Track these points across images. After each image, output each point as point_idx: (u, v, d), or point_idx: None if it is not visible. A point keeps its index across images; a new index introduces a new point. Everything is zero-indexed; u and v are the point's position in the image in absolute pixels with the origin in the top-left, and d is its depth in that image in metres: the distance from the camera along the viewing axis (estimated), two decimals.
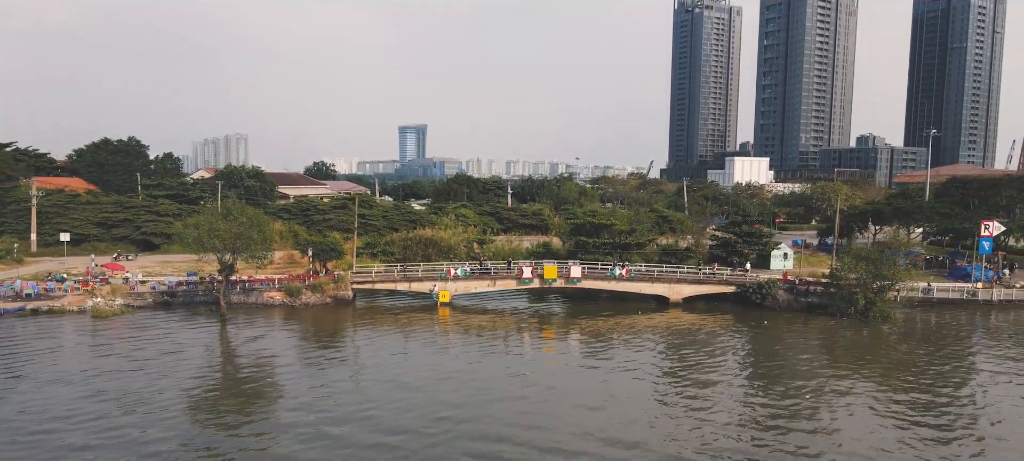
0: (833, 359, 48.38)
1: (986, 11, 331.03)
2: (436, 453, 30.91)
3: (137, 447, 30.97)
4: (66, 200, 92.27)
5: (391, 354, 48.23)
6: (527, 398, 38.67)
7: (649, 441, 32.33)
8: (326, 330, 54.62)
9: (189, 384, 40.73)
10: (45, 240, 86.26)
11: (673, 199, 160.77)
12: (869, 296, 58.34)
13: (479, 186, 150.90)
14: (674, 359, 48.06)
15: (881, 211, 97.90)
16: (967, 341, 54.17)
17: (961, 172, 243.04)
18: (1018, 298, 67.15)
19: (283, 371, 43.86)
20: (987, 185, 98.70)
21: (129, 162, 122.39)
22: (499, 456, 30.43)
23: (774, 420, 35.41)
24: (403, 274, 65.37)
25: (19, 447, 30.64)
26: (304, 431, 33.08)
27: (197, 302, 59.56)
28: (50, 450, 30.40)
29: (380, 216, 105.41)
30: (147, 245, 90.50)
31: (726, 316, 61.09)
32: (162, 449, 30.90)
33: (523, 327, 57.70)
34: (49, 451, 30.30)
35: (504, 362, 46.85)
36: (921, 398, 39.29)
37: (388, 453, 30.88)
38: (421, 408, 36.55)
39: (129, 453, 30.31)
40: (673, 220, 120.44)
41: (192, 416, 35.73)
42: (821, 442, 32.58)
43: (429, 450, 31.09)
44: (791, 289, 64.64)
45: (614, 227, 76.99)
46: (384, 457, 30.41)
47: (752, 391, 40.74)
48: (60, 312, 55.72)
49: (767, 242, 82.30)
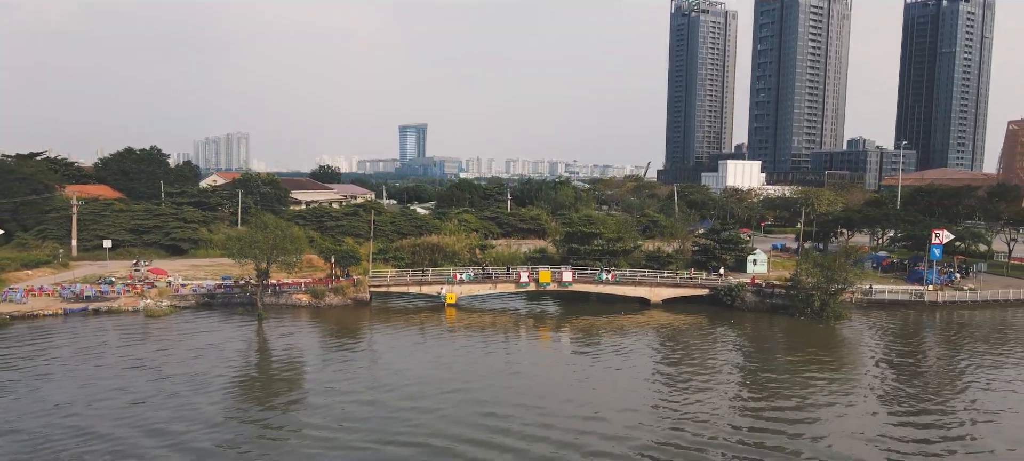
0: (789, 351, 56.55)
1: (975, 17, 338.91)
2: (448, 414, 39.27)
3: (207, 419, 39.07)
4: (102, 208, 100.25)
5: (405, 347, 56.30)
6: (523, 379, 46.78)
7: (615, 409, 40.39)
8: (348, 327, 62.70)
9: (238, 371, 48.96)
10: (83, 245, 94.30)
11: (665, 203, 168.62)
12: (824, 298, 66.46)
13: (480, 192, 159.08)
14: (649, 352, 56.15)
15: (851, 218, 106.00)
16: (902, 336, 62.24)
17: (947, 176, 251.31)
18: (960, 300, 75.33)
19: (313, 361, 52.00)
20: (949, 194, 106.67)
21: (152, 170, 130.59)
22: (496, 419, 38.54)
23: (732, 399, 43.51)
24: (414, 279, 73.53)
25: (117, 421, 38.62)
26: (334, 408, 41.09)
27: (234, 303, 67.68)
28: (142, 421, 38.45)
29: (388, 222, 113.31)
30: (175, 250, 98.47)
31: (700, 316, 69.20)
32: (223, 420, 39.01)
33: (521, 325, 65.83)
34: (143, 421, 38.34)
35: (503, 354, 54.96)
36: (854, 378, 47.42)
37: (408, 415, 39.10)
38: (433, 387, 44.65)
39: (203, 425, 38.39)
40: (662, 224, 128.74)
41: (245, 395, 43.94)
42: (766, 417, 40.68)
43: (441, 415, 39.23)
44: (758, 292, 72.78)
45: (603, 235, 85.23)
46: (405, 417, 38.52)
47: (712, 378, 48.86)
48: (117, 312, 63.82)
49: (743, 248, 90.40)
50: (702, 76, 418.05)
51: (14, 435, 35.99)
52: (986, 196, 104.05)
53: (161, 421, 38.70)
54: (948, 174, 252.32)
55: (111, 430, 37.13)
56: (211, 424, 38.52)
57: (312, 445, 35.70)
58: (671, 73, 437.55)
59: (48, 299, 64.86)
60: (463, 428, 38.18)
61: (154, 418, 39.14)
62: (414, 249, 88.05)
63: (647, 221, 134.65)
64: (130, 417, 39.18)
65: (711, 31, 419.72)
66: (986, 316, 71.30)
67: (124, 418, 39.06)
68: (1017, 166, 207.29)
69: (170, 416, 39.39)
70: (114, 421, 38.54)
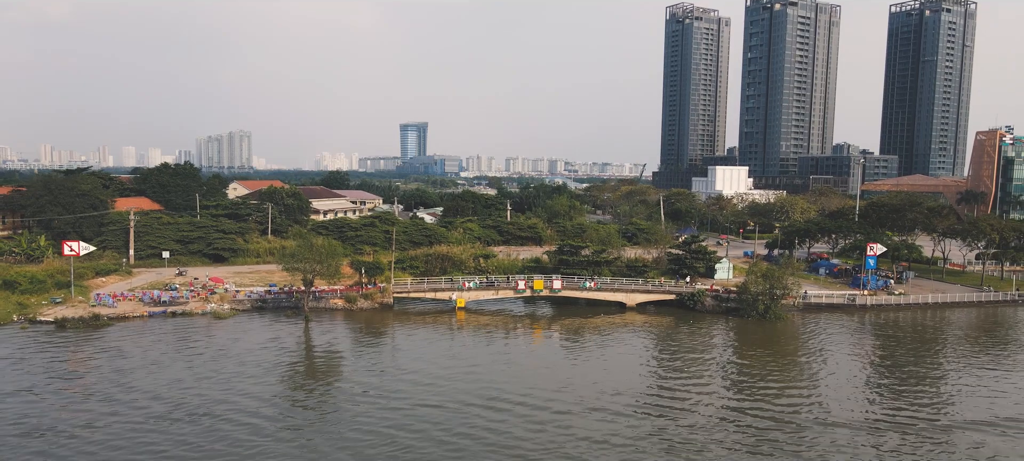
0: (736, 344, 70.98)
1: (956, 27, 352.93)
2: (460, 387, 53.82)
3: (280, 390, 53.51)
4: (153, 221, 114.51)
5: (424, 341, 70.61)
6: (516, 365, 61.16)
7: (584, 383, 54.70)
8: (377, 326, 77.07)
9: (297, 358, 63.57)
10: (138, 254, 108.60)
11: (653, 210, 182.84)
12: (767, 302, 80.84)
13: (483, 201, 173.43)
14: (621, 344, 70.51)
15: (809, 230, 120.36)
16: (829, 333, 76.56)
17: (920, 182, 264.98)
18: (886, 303, 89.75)
19: (353, 352, 66.43)
20: (895, 209, 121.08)
21: (186, 184, 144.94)
22: (495, 390, 52.88)
23: (682, 376, 57.90)
24: (430, 286, 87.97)
25: (225, 389, 52.89)
26: (373, 384, 55.45)
27: (282, 307, 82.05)
28: (240, 390, 52.75)
29: (401, 231, 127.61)
30: (217, 258, 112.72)
31: (667, 317, 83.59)
32: (292, 390, 53.43)
33: (518, 324, 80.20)
34: (241, 390, 52.66)
35: (503, 346, 69.35)
36: (784, 362, 61.84)
37: (430, 388, 53.55)
38: (448, 370, 59.06)
39: (280, 393, 52.81)
40: (647, 231, 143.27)
41: (304, 374, 58.48)
42: (711, 390, 55.03)
43: (455, 387, 53.61)
44: (716, 297, 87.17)
45: (590, 247, 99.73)
46: (428, 390, 52.90)
47: (670, 362, 63.26)
48: (189, 314, 78.21)
49: (711, 257, 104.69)
50: (696, 81, 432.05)
51: (159, 401, 50.45)
52: (926, 212, 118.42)
53: (253, 391, 53.17)
54: (921, 181, 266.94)
55: (222, 397, 51.65)
56: (284, 393, 53.18)
57: (362, 407, 50.10)
58: (666, 78, 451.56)
59: (131, 303, 79.26)
60: (471, 396, 52.76)
61: (247, 389, 53.61)
62: (427, 258, 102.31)
63: (634, 229, 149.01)
64: (231, 388, 53.69)
65: (704, 38, 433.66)
66: (902, 317, 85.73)
67: (228, 388, 53.66)
68: (984, 174, 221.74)
69: (260, 389, 53.82)
70: (220, 389, 53.26)
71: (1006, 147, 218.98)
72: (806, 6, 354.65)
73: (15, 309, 74.69)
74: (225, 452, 42.20)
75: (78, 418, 46.96)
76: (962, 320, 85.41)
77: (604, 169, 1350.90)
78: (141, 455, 41.55)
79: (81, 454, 41.51)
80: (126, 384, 54.28)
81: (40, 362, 59.90)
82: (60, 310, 75.08)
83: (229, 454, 41.92)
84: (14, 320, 72.68)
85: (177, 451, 42.10)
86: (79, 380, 55.41)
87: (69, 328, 70.93)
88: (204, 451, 42.24)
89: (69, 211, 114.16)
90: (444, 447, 43.50)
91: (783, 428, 47.41)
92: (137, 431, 44.89)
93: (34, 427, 45.18)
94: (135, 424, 46.08)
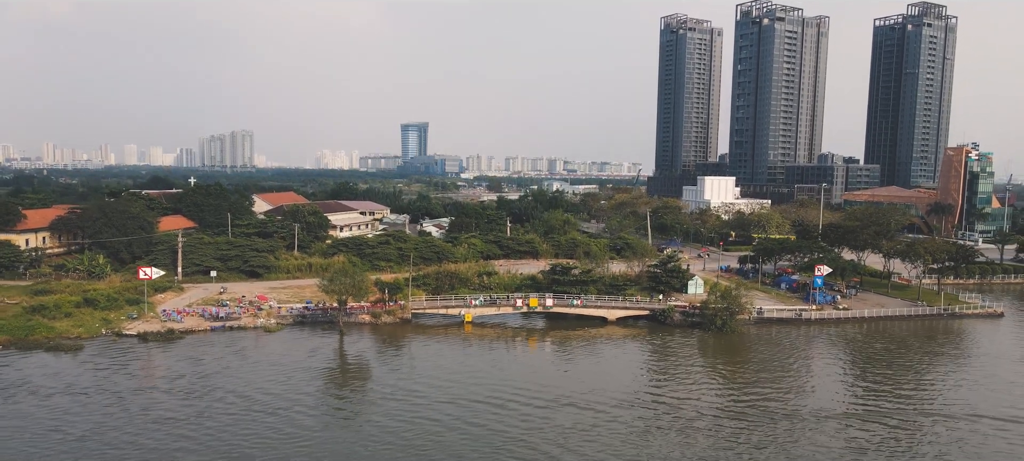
0: (697, 351, 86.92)
1: (937, 40, 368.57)
2: (468, 386, 69.75)
3: (327, 393, 69.44)
4: (195, 242, 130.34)
5: (438, 350, 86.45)
6: (514, 367, 77.00)
7: (577, 386, 70.44)
8: (399, 338, 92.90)
9: (338, 363, 79.53)
10: (184, 271, 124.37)
11: (642, 222, 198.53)
12: (724, 318, 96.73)
13: (484, 217, 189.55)
14: (603, 353, 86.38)
15: (774, 249, 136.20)
16: (774, 343, 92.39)
17: (895, 194, 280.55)
18: (830, 317, 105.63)
19: (381, 358, 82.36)
20: (849, 230, 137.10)
21: (218, 203, 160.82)
22: (500, 392, 68.65)
23: (650, 378, 73.77)
24: (442, 303, 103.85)
25: (284, 387, 68.70)
26: (400, 383, 71.29)
27: (319, 322, 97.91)
28: (300, 389, 68.52)
29: (413, 248, 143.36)
30: (252, 274, 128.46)
31: (641, 329, 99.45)
32: (338, 387, 69.32)
33: (516, 335, 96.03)
34: (296, 394, 68.43)
35: (504, 354, 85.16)
36: (732, 365, 77.70)
37: (445, 386, 69.40)
38: (459, 373, 74.92)
39: (329, 389, 68.75)
40: (633, 245, 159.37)
41: (345, 375, 74.43)
42: (671, 384, 70.87)
43: (464, 386, 69.46)
44: (684, 312, 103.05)
45: (578, 267, 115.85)
46: (443, 388, 68.70)
47: (640, 366, 79.20)
48: (242, 328, 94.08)
49: (684, 275, 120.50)
50: (689, 89, 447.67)
51: (242, 398, 66.31)
52: (874, 234, 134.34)
53: (307, 390, 69.16)
54: (896, 192, 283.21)
55: (284, 395, 67.57)
56: (330, 393, 69.28)
57: (391, 404, 65.98)
58: (660, 85, 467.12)
59: (194, 319, 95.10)
60: (478, 392, 68.95)
61: (302, 389, 69.50)
62: (437, 276, 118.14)
63: (622, 243, 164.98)
64: (289, 388, 69.50)
65: (698, 47, 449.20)
66: (840, 330, 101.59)
67: (287, 388, 69.60)
68: (952, 187, 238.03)
69: (312, 389, 69.80)
70: (281, 389, 69.21)
71: (972, 163, 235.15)
72: (793, 21, 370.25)
73: (101, 323, 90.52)
74: (298, 435, 58.11)
75: (191, 409, 63.13)
76: (890, 331, 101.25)
77: (603, 168, 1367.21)
78: (247, 437, 57.40)
79: (210, 437, 57.30)
80: (212, 385, 70.21)
81: (150, 366, 76.02)
82: (139, 325, 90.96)
83: (301, 437, 57.78)
84: (103, 333, 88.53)
85: (267, 433, 58.03)
86: (177, 381, 71.38)
87: (150, 341, 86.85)
88: (285, 434, 58.17)
89: (122, 232, 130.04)
90: (456, 433, 59.37)
91: (730, 415, 63.35)
92: (236, 421, 60.83)
93: (164, 417, 61.13)
94: (232, 416, 62.06)
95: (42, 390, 67.33)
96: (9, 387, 68.22)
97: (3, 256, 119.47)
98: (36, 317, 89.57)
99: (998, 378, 78.30)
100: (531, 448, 56.33)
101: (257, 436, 57.75)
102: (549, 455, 55.20)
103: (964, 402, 69.38)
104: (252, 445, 56.04)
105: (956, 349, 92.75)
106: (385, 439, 57.88)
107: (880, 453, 56.65)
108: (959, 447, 57.98)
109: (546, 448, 56.38)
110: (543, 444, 57.11)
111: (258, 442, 56.66)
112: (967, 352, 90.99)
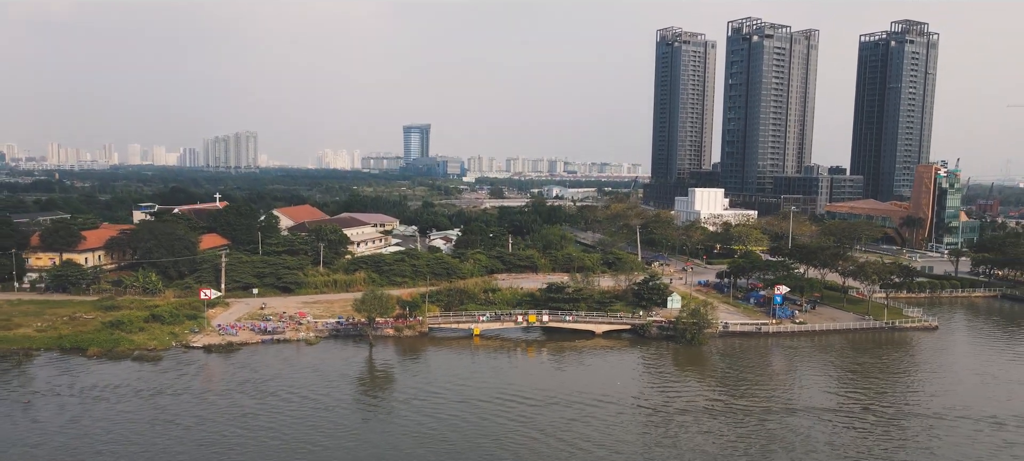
0: (669, 360, 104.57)
1: (919, 56, 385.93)
2: (476, 387, 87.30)
3: (363, 394, 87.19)
4: (236, 260, 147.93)
5: (452, 359, 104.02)
6: (515, 373, 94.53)
7: (570, 388, 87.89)
8: (418, 349, 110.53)
9: (365, 374, 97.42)
10: (226, 287, 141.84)
11: (633, 237, 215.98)
12: (693, 332, 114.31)
13: (487, 232, 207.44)
14: (590, 361, 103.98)
15: (747, 267, 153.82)
16: (731, 354, 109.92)
17: (870, 206, 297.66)
18: (786, 331, 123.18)
19: (405, 366, 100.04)
20: (813, 249, 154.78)
21: (249, 222, 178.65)
22: (501, 389, 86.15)
23: (630, 380, 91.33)
24: (454, 319, 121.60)
25: (329, 388, 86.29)
26: (421, 385, 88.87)
27: (350, 335, 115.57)
28: (342, 392, 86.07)
29: (425, 265, 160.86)
30: (285, 289, 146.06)
31: (623, 341, 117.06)
32: (371, 388, 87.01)
33: (517, 347, 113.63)
34: (339, 395, 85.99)
35: (507, 362, 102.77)
36: (696, 372, 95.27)
37: (458, 388, 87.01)
38: (469, 378, 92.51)
39: (364, 395, 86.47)
40: (624, 259, 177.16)
41: (376, 380, 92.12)
42: (651, 386, 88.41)
43: (474, 388, 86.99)
44: (660, 326, 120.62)
45: (572, 284, 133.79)
46: (456, 389, 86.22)
47: (621, 371, 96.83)
48: (287, 341, 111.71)
49: (663, 290, 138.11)
50: (684, 100, 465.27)
51: (300, 398, 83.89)
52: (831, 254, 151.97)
53: (346, 392, 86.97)
54: (873, 205, 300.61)
55: (328, 395, 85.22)
56: (366, 394, 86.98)
57: (414, 404, 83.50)
58: (656, 96, 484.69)
59: (246, 332, 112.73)
60: (485, 393, 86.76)
61: (342, 392, 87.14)
62: (449, 292, 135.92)
63: (613, 257, 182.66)
64: (330, 391, 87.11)
65: (692, 59, 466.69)
66: (794, 341, 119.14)
67: (329, 390, 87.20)
68: (923, 201, 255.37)
69: (350, 392, 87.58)
70: (324, 391, 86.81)
71: (941, 179, 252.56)
72: (781, 37, 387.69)
73: (170, 337, 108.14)
74: (347, 427, 75.79)
75: (265, 406, 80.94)
76: (835, 343, 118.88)
77: (603, 169, 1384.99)
78: (309, 429, 75.06)
79: (285, 425, 74.92)
80: (273, 390, 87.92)
81: (218, 373, 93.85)
82: (201, 338, 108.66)
83: (350, 428, 75.42)
84: (173, 346, 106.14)
85: (326, 425, 75.70)
86: (244, 384, 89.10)
87: (213, 352, 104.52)
88: (339, 425, 75.92)
89: (170, 251, 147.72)
90: (468, 424, 77.08)
91: (690, 412, 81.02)
92: (299, 417, 78.49)
93: (247, 413, 78.84)
94: (297, 414, 79.68)
95: (144, 392, 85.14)
96: (115, 391, 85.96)
97: (71, 274, 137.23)
98: (116, 331, 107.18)
99: (911, 381, 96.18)
100: (527, 436, 73.97)
101: (317, 429, 75.45)
102: (538, 440, 72.93)
103: (889, 402, 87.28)
104: (320, 434, 73.82)
105: (887, 357, 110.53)
106: (415, 430, 75.57)
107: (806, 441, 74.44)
108: (860, 436, 75.78)
109: (536, 435, 74.08)
110: (535, 433, 74.81)
111: (320, 433, 74.39)
112: (894, 364, 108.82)
